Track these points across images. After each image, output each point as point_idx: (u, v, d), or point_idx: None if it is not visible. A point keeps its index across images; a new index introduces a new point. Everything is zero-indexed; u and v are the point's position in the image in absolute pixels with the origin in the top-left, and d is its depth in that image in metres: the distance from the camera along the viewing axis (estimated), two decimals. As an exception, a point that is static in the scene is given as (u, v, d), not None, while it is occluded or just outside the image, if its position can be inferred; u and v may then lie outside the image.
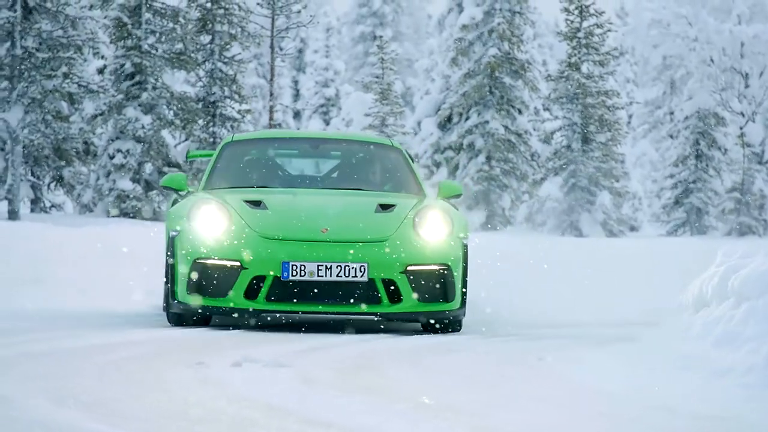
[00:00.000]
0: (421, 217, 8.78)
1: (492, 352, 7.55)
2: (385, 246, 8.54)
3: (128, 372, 6.07)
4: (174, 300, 8.69)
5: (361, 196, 9.31)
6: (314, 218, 8.66)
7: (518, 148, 42.16)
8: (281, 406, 5.10)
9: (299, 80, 64.05)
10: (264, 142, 10.20)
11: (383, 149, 10.13)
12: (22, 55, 32.20)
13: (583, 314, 11.56)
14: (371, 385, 5.87)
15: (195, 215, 8.74)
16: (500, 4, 42.45)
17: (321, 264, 8.39)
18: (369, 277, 8.40)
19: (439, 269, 8.63)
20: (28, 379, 5.75)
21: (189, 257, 8.58)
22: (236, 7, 33.70)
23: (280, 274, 8.39)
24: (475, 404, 5.32)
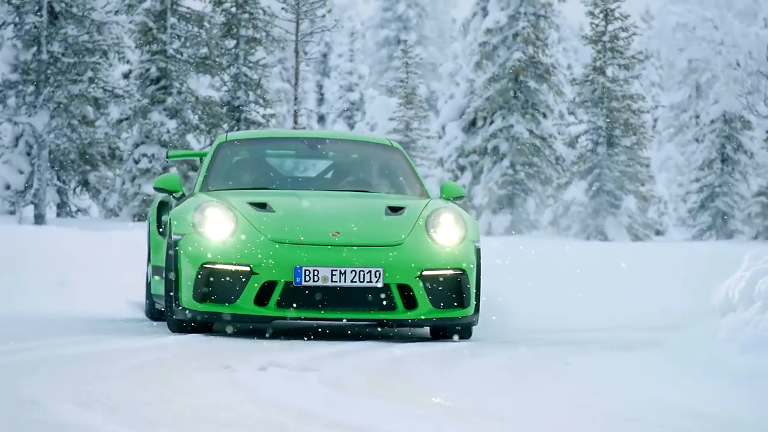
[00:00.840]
0: (434, 220, 8.49)
1: (517, 357, 7.54)
2: (400, 250, 8.25)
3: (154, 376, 6.08)
4: (178, 306, 8.34)
5: (369, 198, 9.00)
6: (324, 221, 8.37)
7: (543, 152, 42.08)
8: (308, 410, 5.10)
9: (324, 84, 64.13)
10: (260, 142, 9.85)
11: (383, 149, 9.79)
12: (48, 60, 32.32)
13: (607, 318, 11.53)
14: (398, 389, 5.87)
15: (200, 218, 8.39)
16: (525, 7, 42.39)
17: (335, 269, 8.10)
18: (384, 282, 8.13)
19: (454, 274, 8.35)
20: (54, 383, 5.77)
21: (195, 262, 8.23)
22: (261, 11, 33.76)
23: (292, 280, 8.09)
24: (501, 409, 5.32)
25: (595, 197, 40.11)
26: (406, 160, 9.64)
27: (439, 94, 62.35)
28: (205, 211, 8.40)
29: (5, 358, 6.87)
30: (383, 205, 8.65)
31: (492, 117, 42.67)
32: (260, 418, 4.90)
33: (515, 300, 12.11)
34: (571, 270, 14.74)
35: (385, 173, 9.55)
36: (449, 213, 8.54)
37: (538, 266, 14.69)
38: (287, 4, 33.41)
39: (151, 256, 10.10)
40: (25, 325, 9.40)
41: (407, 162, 9.63)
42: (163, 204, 10.11)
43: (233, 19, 33.37)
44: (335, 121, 59.52)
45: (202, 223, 8.34)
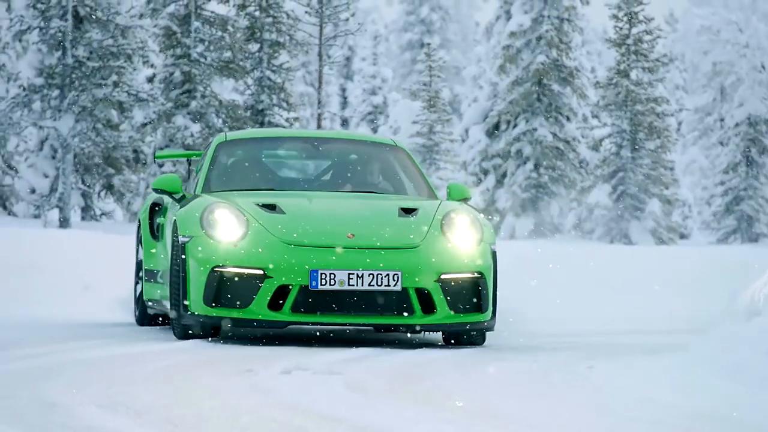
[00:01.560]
0: (450, 221, 8.21)
1: (540, 360, 7.52)
2: (417, 253, 7.99)
3: (178, 379, 6.09)
4: (186, 311, 8.03)
5: (379, 199, 8.74)
6: (338, 223, 8.10)
7: (567, 156, 42.00)
8: (332, 413, 5.10)
9: (347, 88, 64.16)
10: (261, 141, 9.56)
11: (387, 149, 9.49)
12: (72, 65, 32.45)
13: (631, 322, 11.50)
14: (422, 393, 5.86)
15: (210, 220, 8.09)
16: (548, 11, 42.34)
17: (352, 272, 7.83)
18: (402, 286, 7.88)
19: (472, 278, 8.09)
20: (78, 386, 5.79)
21: (205, 265, 7.94)
22: (284, 15, 33.81)
23: (307, 283, 7.83)
24: (526, 413, 5.30)
25: (619, 201, 40.01)
26: (410, 159, 9.41)
27: (462, 97, 62.30)
28: (215, 212, 8.14)
29: (30, 362, 6.90)
30: (395, 206, 8.42)
31: (515, 120, 42.62)
32: (284, 421, 4.90)
33: (536, 303, 12.08)
34: (594, 273, 14.71)
35: (391, 173, 9.32)
36: (465, 214, 8.30)
37: (560, 269, 14.66)
38: (311, 8, 33.46)
39: (143, 260, 9.80)
40: (50, 328, 9.44)
41: (412, 162, 9.40)
42: (155, 206, 9.88)
43: (257, 22, 33.44)
44: (358, 124, 59.54)
45: (212, 225, 8.08)
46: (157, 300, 9.43)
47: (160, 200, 9.80)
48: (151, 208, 9.87)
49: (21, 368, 6.54)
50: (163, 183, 9.07)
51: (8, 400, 5.31)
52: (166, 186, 9.06)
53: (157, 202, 9.86)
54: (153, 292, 9.52)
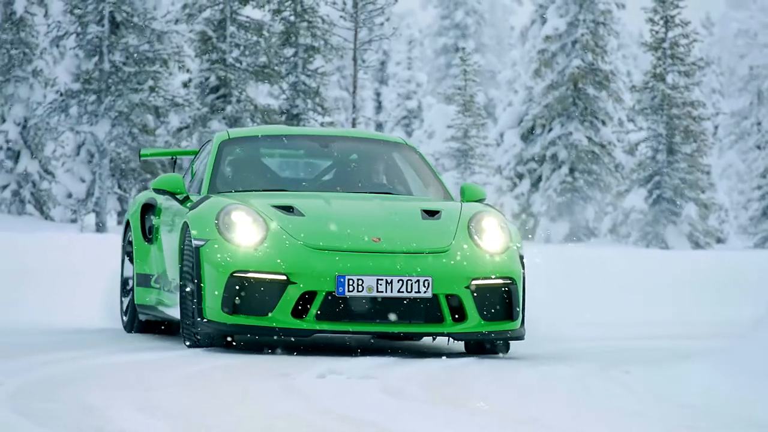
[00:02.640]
0: (478, 224, 7.82)
1: (576, 365, 7.49)
2: (447, 258, 7.60)
3: (213, 383, 6.10)
4: (202, 319, 7.58)
5: (399, 201, 8.30)
6: (362, 226, 7.69)
7: (602, 160, 41.86)
8: (367, 418, 5.09)
9: (381, 92, 64.18)
10: (267, 140, 9.03)
11: (398, 148, 9.00)
12: (109, 70, 32.57)
13: (668, 326, 11.44)
14: (457, 398, 5.85)
15: (226, 222, 7.63)
16: (584, 14, 42.22)
17: (380, 278, 7.42)
18: (433, 292, 7.49)
19: (503, 283, 7.71)
20: (115, 389, 5.81)
21: (223, 271, 7.48)
22: (320, 20, 33.88)
23: (334, 290, 7.41)
24: (561, 418, 5.28)
25: (655, 205, 39.83)
26: (422, 159, 8.95)
27: (497, 101, 62.22)
28: (232, 214, 7.67)
29: (67, 365, 6.93)
30: (417, 208, 8.01)
31: (551, 124, 42.51)
32: (319, 426, 4.89)
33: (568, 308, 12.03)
34: (629, 278, 14.64)
35: (404, 173, 8.89)
36: (492, 217, 7.91)
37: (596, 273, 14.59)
38: (346, 13, 33.51)
39: (134, 264, 9.26)
40: (87, 332, 9.48)
41: (424, 161, 8.93)
42: (147, 207, 9.32)
43: (292, 27, 33.50)
44: (393, 128, 59.56)
45: (229, 228, 7.62)
46: (150, 306, 9.00)
47: (153, 201, 9.27)
48: (143, 210, 9.33)
49: (57, 372, 6.57)
50: (164, 183, 8.57)
51: (46, 404, 5.34)
52: (168, 186, 8.55)
53: (149, 202, 9.31)
54: (146, 297, 9.07)
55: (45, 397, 5.56)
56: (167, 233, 8.75)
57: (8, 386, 5.84)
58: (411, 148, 8.98)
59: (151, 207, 9.28)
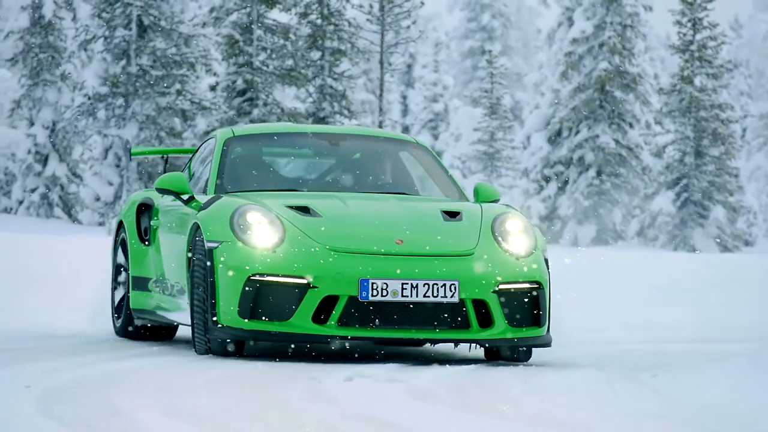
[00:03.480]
0: (502, 226, 7.53)
1: (603, 368, 7.46)
2: (473, 261, 7.32)
3: (241, 386, 6.11)
4: (216, 324, 7.27)
5: (417, 201, 7.99)
6: (384, 228, 7.40)
7: (629, 162, 41.74)
8: (395, 421, 5.09)
9: (408, 95, 64.19)
10: (274, 137, 8.69)
11: (410, 147, 8.68)
12: (136, 73, 32.69)
13: (697, 330, 11.39)
14: (485, 401, 5.84)
15: (242, 223, 7.32)
16: (611, 17, 42.11)
17: (406, 282, 7.14)
18: (459, 297, 7.21)
19: (530, 288, 7.43)
20: (141, 393, 5.82)
21: (240, 274, 7.18)
22: (346, 23, 33.92)
23: (357, 294, 7.12)
24: (590, 421, 5.26)
25: (682, 208, 39.68)
26: (434, 158, 8.62)
27: (524, 104, 62.13)
28: (247, 215, 7.36)
29: (91, 369, 6.95)
30: (437, 209, 7.71)
31: (577, 127, 42.41)
32: (347, 429, 4.89)
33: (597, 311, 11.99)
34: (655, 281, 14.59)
35: (418, 173, 8.58)
36: (517, 219, 7.61)
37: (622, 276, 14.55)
38: (372, 16, 33.53)
39: (129, 267, 8.89)
40: (109, 334, 9.50)
41: (437, 161, 8.59)
42: (143, 207, 8.94)
43: (318, 30, 33.55)
44: (419, 131, 59.57)
45: (245, 229, 7.30)
46: (149, 310, 8.67)
47: (149, 201, 8.90)
48: (139, 211, 8.96)
49: (83, 375, 6.59)
50: (167, 182, 8.17)
51: (74, 406, 5.35)
52: (172, 186, 8.15)
53: (144, 202, 8.93)
54: (144, 301, 8.74)
55: (72, 400, 5.58)
56: (168, 235, 8.43)
57: (36, 389, 5.87)
58: (423, 147, 8.69)
59: (146, 207, 8.92)
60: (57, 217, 36.92)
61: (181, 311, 8.01)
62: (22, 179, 37.26)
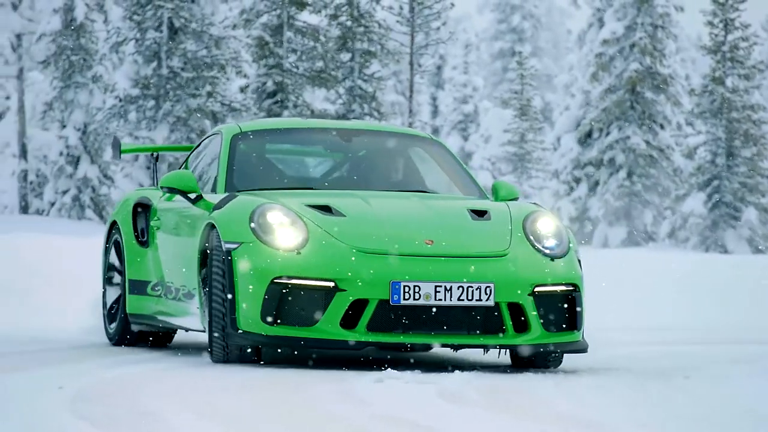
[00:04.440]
0: (534, 225, 7.20)
1: (636, 371, 7.43)
2: (507, 262, 6.99)
3: (272, 387, 6.11)
4: (236, 330, 6.89)
5: (441, 199, 7.65)
6: (411, 227, 7.07)
7: (660, 164, 41.58)
8: (426, 423, 5.07)
9: (438, 97, 64.17)
10: (283, 133, 8.29)
11: (425, 143, 8.31)
12: (167, 75, 32.81)
13: (731, 331, 11.33)
14: (515, 404, 5.81)
15: (263, 223, 6.96)
16: (642, 18, 41.96)
17: (439, 284, 6.81)
18: (495, 300, 6.89)
19: (566, 290, 7.11)
20: (171, 394, 5.83)
21: (262, 277, 6.81)
22: (376, 24, 33.94)
23: (388, 297, 6.78)
24: (623, 423, 5.23)
25: (714, 209, 39.50)
26: (451, 155, 8.24)
27: (554, 105, 61.99)
28: (267, 215, 7.00)
29: (120, 370, 6.97)
30: (463, 207, 7.36)
31: (608, 128, 42.28)
32: (377, 430, 4.88)
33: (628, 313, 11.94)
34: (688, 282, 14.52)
35: (435, 170, 8.17)
36: (548, 218, 7.28)
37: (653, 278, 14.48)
38: (402, 17, 33.53)
39: (126, 269, 8.45)
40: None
41: (453, 157, 8.23)
42: (140, 207, 8.52)
43: (348, 32, 33.58)
44: (449, 133, 59.55)
45: (266, 229, 6.94)
46: (148, 315, 8.27)
47: (146, 200, 8.50)
48: (135, 210, 8.53)
49: (113, 377, 6.61)
50: (174, 180, 7.74)
51: (105, 407, 5.37)
52: (179, 184, 7.72)
53: (141, 202, 8.52)
54: (142, 306, 8.32)
55: (101, 401, 5.59)
56: (173, 236, 8.05)
57: (68, 390, 5.89)
58: (438, 143, 8.31)
59: (143, 207, 8.51)
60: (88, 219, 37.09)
61: (189, 316, 7.65)
62: (54, 181, 37.46)
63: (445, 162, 8.21)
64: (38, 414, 5.10)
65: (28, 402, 5.47)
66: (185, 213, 7.89)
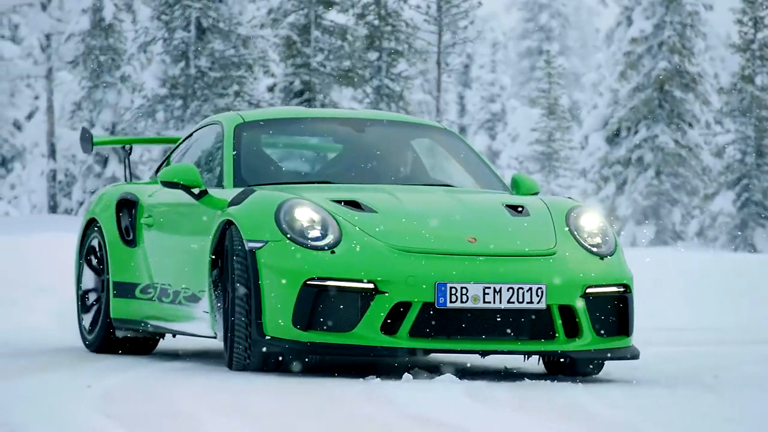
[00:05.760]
0: (577, 221, 6.73)
1: (665, 371, 7.41)
2: (557, 261, 6.51)
3: (297, 387, 6.11)
4: (263, 336, 6.38)
5: (472, 194, 7.14)
6: (451, 224, 6.57)
7: (689, 163, 41.42)
8: (454, 422, 5.06)
9: (465, 96, 64.11)
10: (291, 123, 7.67)
11: (440, 134, 7.77)
12: (195, 75, 32.90)
13: (754, 331, 11.28)
14: (545, 403, 5.80)
15: (291, 220, 6.44)
16: (671, 16, 41.81)
17: (488, 286, 6.32)
18: (546, 302, 6.40)
19: (618, 292, 6.65)
20: (200, 394, 5.85)
21: (294, 279, 6.29)
22: (403, 23, 33.95)
23: (433, 300, 6.29)
24: (653, 423, 5.21)
25: (743, 208, 39.32)
26: (467, 146, 7.72)
27: (581, 104, 61.84)
28: (295, 211, 6.46)
29: (147, 369, 6.99)
30: (497, 202, 6.86)
31: (636, 127, 42.15)
32: (405, 430, 4.88)
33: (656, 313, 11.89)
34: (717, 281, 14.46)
35: (455, 162, 7.63)
36: (592, 213, 6.80)
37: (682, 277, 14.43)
38: (429, 16, 33.53)
39: (110, 271, 7.77)
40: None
41: (471, 149, 7.70)
42: (125, 203, 7.86)
43: (376, 31, 33.59)
44: (476, 132, 59.49)
45: (295, 227, 6.42)
46: (136, 320, 7.64)
47: (130, 196, 7.83)
48: (120, 207, 7.87)
49: (141, 375, 6.63)
50: (175, 175, 7.10)
51: (134, 407, 5.38)
52: (182, 178, 7.08)
53: (125, 198, 7.85)
54: (129, 310, 7.69)
55: (129, 400, 5.60)
56: (169, 234, 7.45)
57: (96, 389, 5.91)
58: (453, 134, 7.78)
59: (127, 204, 7.84)
60: (117, 218, 37.24)
61: (193, 321, 7.08)
62: (83, 180, 37.63)
63: (466, 153, 7.68)
64: (68, 414, 5.12)
65: (57, 402, 5.49)
66: (188, 210, 7.24)
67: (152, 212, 7.64)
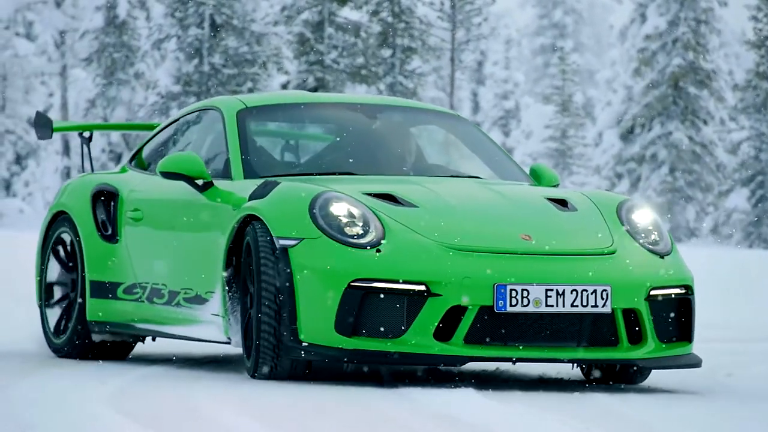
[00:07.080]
0: (630, 216, 6.20)
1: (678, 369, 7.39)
2: (618, 261, 5.99)
3: (313, 386, 6.11)
4: (298, 342, 5.85)
5: (511, 186, 6.54)
6: (501, 220, 6.05)
7: (703, 159, 41.35)
8: (472, 421, 5.06)
9: (478, 92, 64.08)
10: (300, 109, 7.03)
11: (457, 122, 7.24)
12: (209, 72, 32.94)
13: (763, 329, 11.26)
14: (563, 402, 5.78)
15: (328, 216, 5.87)
16: (685, 13, 41.73)
17: (550, 288, 5.79)
18: (611, 306, 5.88)
19: (681, 294, 6.14)
20: (215, 391, 5.85)
21: (336, 280, 5.74)
22: (417, 20, 33.96)
23: (491, 303, 5.76)
24: (671, 422, 5.20)
25: (757, 205, 39.23)
26: (484, 135, 7.18)
27: (595, 101, 61.77)
28: (332, 205, 5.91)
29: (161, 367, 7.00)
30: (540, 196, 6.32)
31: (650, 124, 42.09)
32: (423, 429, 4.87)
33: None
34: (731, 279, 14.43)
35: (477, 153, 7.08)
36: (645, 208, 6.31)
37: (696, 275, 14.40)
38: (443, 13, 33.52)
39: (85, 269, 7.06)
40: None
41: (489, 138, 7.16)
42: (102, 195, 7.17)
43: (389, 28, 33.60)
44: (490, 129, 59.46)
45: (333, 222, 5.86)
46: (121, 323, 6.98)
47: (109, 188, 7.16)
48: (95, 200, 7.16)
49: (154, 373, 6.64)
50: (178, 165, 6.49)
51: (150, 404, 5.39)
52: (185, 169, 6.48)
53: (104, 190, 7.17)
54: (110, 312, 7.01)
55: (145, 398, 5.61)
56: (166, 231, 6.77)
57: (109, 386, 5.92)
58: (467, 122, 7.23)
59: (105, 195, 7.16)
60: (131, 215, 37.36)
61: (198, 324, 6.51)
62: (97, 177, 37.76)
63: (483, 142, 7.14)
64: (83, 412, 5.13)
65: (71, 399, 5.50)
66: (192, 203, 6.60)
67: (140, 205, 6.98)
